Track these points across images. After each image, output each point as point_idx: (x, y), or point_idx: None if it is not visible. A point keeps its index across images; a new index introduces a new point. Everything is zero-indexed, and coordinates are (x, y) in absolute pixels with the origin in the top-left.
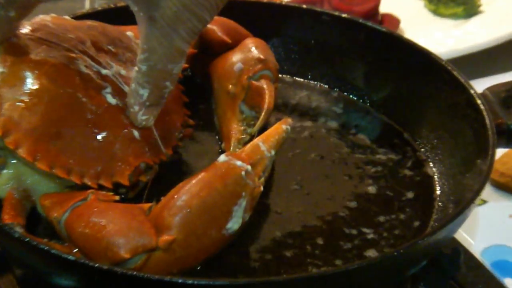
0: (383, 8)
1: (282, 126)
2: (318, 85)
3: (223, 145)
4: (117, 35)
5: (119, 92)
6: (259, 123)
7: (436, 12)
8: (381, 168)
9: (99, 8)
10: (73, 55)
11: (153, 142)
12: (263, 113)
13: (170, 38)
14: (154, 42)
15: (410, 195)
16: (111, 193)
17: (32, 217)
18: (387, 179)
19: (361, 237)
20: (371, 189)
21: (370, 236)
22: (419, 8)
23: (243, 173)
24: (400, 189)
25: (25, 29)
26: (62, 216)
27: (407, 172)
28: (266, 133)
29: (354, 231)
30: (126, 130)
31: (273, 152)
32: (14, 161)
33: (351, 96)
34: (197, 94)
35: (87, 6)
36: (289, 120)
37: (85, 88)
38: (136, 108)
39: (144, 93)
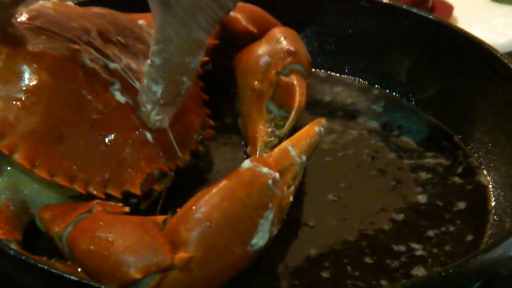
0: None
1: (314, 128)
2: (357, 80)
3: (248, 149)
4: (127, 24)
5: (129, 89)
6: (288, 124)
7: None
8: (429, 175)
9: None
10: (77, 46)
11: (168, 145)
12: (293, 113)
13: (188, 27)
14: (169, 31)
15: (461, 205)
16: (120, 204)
17: (30, 232)
18: (435, 187)
19: (408, 254)
20: (420, 199)
21: (419, 252)
22: None
23: (270, 181)
24: (450, 199)
25: (22, 17)
26: (64, 231)
27: (458, 179)
28: (296, 135)
29: (401, 247)
30: (137, 132)
31: (304, 158)
32: (10, 168)
33: (393, 93)
34: (219, 91)
35: None
36: (323, 121)
37: (90, 84)
38: (149, 106)
39: (158, 89)
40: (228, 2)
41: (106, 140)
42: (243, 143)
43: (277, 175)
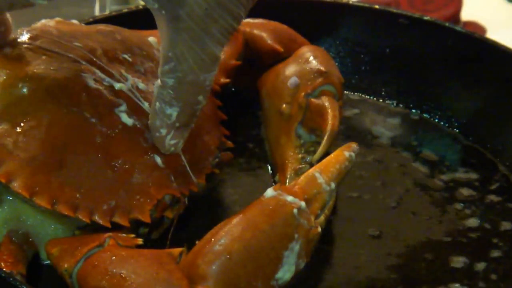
0: (466, 15)
1: (344, 153)
2: (393, 104)
3: (277, 177)
4: (135, 41)
5: (136, 110)
6: (320, 150)
7: None
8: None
9: (114, 13)
10: (80, 66)
11: (180, 169)
12: (325, 138)
13: (202, 42)
14: (181, 47)
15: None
16: (133, 236)
17: (34, 264)
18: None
19: None
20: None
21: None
22: (510, 14)
23: (295, 210)
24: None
25: (23, 36)
26: (74, 267)
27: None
28: (324, 161)
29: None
30: (145, 156)
31: (333, 185)
32: (10, 197)
33: (433, 118)
34: (242, 113)
35: (96, 11)
36: (354, 146)
37: (94, 106)
38: (164, 131)
39: (173, 112)
40: (240, 11)
41: (112, 165)
42: (270, 171)
43: (303, 204)
